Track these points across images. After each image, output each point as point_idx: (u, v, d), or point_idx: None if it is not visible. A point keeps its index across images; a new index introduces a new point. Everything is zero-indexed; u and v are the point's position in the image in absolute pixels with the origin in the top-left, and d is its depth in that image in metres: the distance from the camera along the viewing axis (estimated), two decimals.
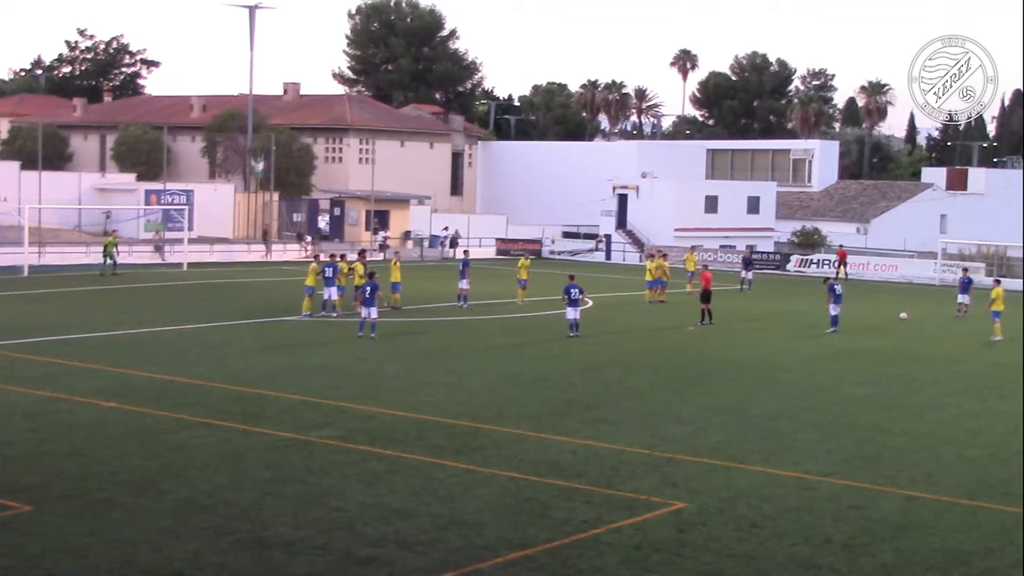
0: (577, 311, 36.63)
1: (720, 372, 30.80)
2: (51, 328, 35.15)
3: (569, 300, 36.60)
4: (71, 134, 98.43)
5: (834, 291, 39.71)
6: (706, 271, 43.71)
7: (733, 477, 19.55)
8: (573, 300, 36.54)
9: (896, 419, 25.02)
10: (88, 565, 14.49)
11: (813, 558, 15.58)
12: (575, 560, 15.20)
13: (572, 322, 36.57)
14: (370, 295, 34.84)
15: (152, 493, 17.57)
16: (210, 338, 34.32)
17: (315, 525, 16.21)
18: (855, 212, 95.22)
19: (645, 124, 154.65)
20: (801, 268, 70.57)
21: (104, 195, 75.16)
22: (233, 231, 77.54)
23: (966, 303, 44.96)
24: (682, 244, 72.06)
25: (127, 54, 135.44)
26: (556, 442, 21.69)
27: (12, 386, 25.62)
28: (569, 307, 36.63)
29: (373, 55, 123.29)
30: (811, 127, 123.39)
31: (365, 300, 35.04)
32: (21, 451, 20.07)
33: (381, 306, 36.48)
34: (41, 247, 58.72)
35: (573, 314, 36.56)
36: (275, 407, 24.24)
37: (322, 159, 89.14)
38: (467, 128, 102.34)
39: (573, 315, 36.56)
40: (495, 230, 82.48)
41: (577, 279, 37.99)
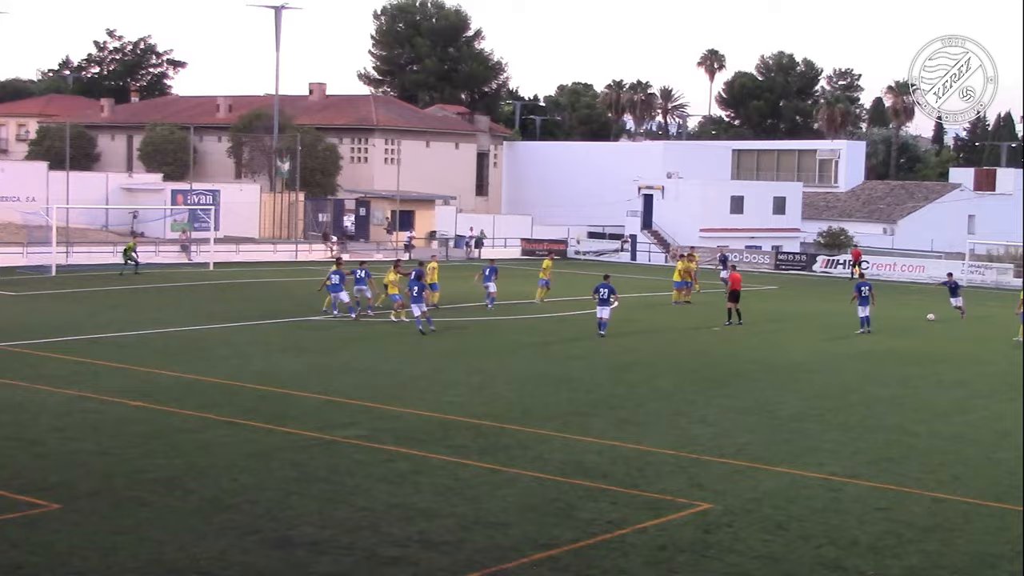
0: (607, 310, 36.62)
1: (746, 373, 30.70)
2: (78, 327, 35.33)
3: (600, 299, 36.62)
4: (98, 134, 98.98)
5: (860, 291, 39.52)
6: (734, 271, 43.62)
7: (759, 478, 19.48)
8: (603, 299, 36.54)
9: (923, 421, 24.89)
10: (115, 563, 14.55)
11: (839, 560, 15.50)
12: (600, 561, 15.17)
13: (601, 321, 36.59)
14: (418, 293, 36.06)
15: (178, 492, 17.63)
16: (236, 338, 34.43)
17: (340, 525, 16.23)
18: (882, 213, 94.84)
19: (671, 124, 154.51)
20: (827, 269, 70.37)
21: (131, 195, 75.54)
22: (259, 231, 77.80)
23: (960, 306, 44.63)
24: (707, 244, 71.98)
25: (154, 54, 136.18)
26: (581, 443, 21.66)
27: (40, 385, 25.77)
28: (600, 306, 36.65)
29: (399, 55, 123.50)
30: (837, 127, 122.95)
31: (413, 298, 36.17)
32: (49, 449, 20.18)
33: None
34: (69, 247, 59.06)
35: (602, 313, 36.57)
36: (300, 407, 24.30)
37: (348, 159, 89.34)
38: (492, 128, 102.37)
39: (602, 314, 36.57)
40: (520, 230, 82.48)
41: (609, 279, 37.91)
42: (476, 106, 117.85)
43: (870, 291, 39.75)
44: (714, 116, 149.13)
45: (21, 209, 64.38)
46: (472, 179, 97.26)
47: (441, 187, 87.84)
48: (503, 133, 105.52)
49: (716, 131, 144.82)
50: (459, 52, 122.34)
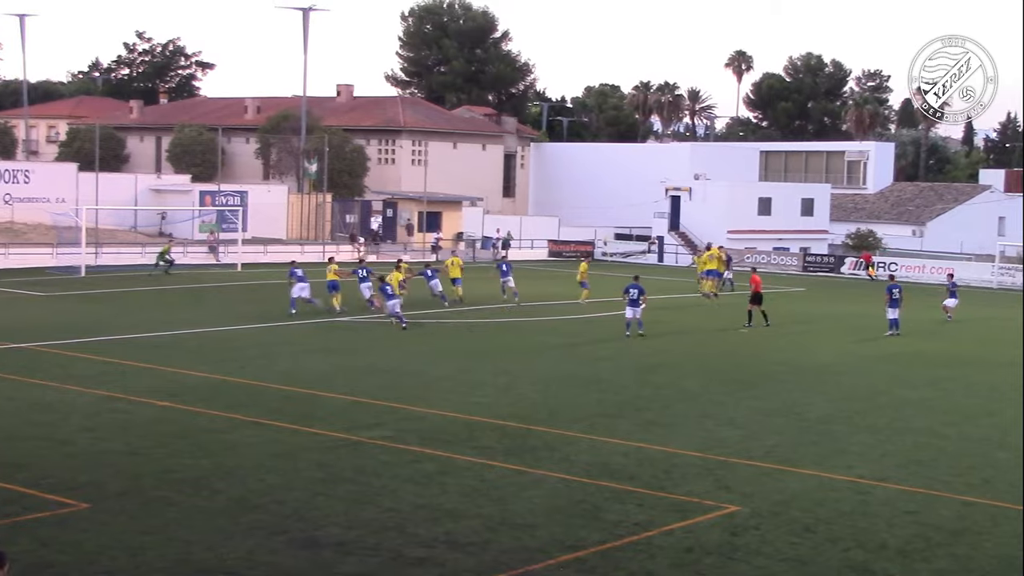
0: (636, 311, 36.55)
1: (773, 375, 30.60)
2: (107, 328, 35.52)
3: (630, 300, 36.57)
4: (128, 136, 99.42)
5: (891, 293, 39.32)
6: (755, 273, 43.56)
7: (786, 481, 19.40)
8: (633, 300, 36.50)
9: (952, 423, 24.74)
10: (143, 563, 14.62)
11: (867, 563, 15.43)
12: (626, 563, 15.14)
13: (629, 321, 36.54)
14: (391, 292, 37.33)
15: (205, 492, 17.69)
16: (263, 338, 34.54)
17: (366, 525, 16.25)
18: (911, 214, 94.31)
19: (698, 126, 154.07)
20: (855, 271, 70.06)
21: (159, 196, 75.86)
22: (287, 232, 77.96)
23: (950, 307, 44.42)
24: (735, 246, 71.77)
25: (183, 56, 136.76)
26: (608, 444, 21.63)
27: (70, 385, 25.92)
28: (629, 306, 36.60)
29: (426, 57, 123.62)
30: (866, 129, 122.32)
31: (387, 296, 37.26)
32: (79, 449, 20.30)
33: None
34: (98, 247, 59.37)
35: (632, 313, 36.52)
36: (327, 408, 24.35)
37: (375, 160, 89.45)
38: (519, 130, 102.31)
39: (632, 314, 36.52)
40: (547, 232, 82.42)
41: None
42: (503, 107, 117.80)
43: (900, 293, 39.57)
44: (742, 117, 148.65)
45: (51, 210, 64.69)
46: (499, 181, 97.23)
47: (468, 188, 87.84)
48: (530, 134, 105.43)
49: (744, 132, 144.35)
50: (486, 54, 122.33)
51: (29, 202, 67.37)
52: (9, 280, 49.07)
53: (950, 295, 44.89)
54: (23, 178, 69.06)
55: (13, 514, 16.17)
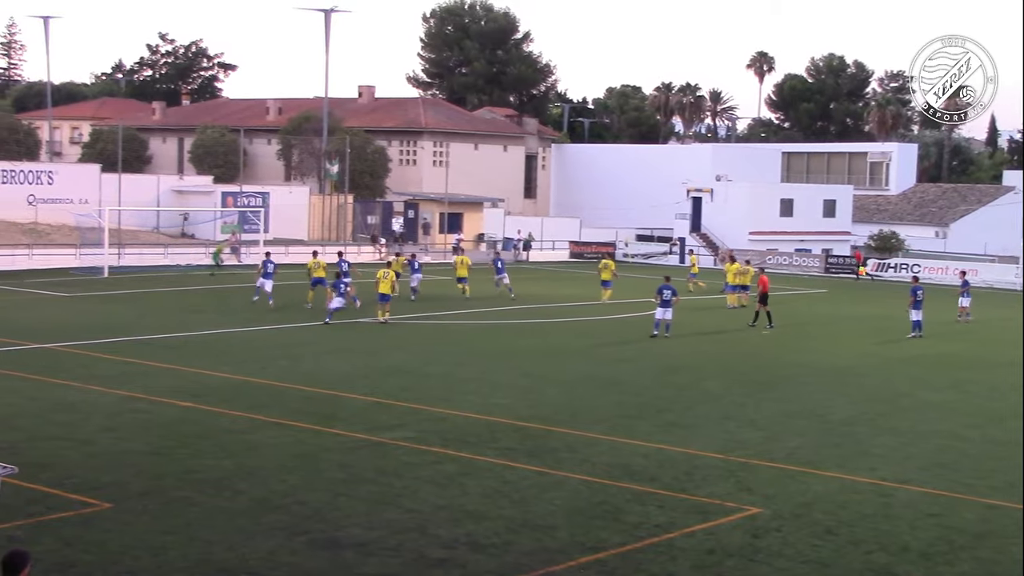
0: (668, 312, 36.50)
1: (795, 376, 30.51)
2: (130, 328, 35.65)
3: (662, 301, 36.50)
4: (150, 137, 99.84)
5: (915, 295, 39.17)
6: (763, 274, 43.56)
7: (808, 483, 19.33)
8: (665, 301, 36.44)
9: (975, 426, 24.62)
10: (165, 563, 14.66)
11: (890, 566, 15.36)
12: (648, 565, 15.11)
13: (659, 322, 36.46)
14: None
15: (227, 492, 17.73)
16: (285, 339, 34.62)
17: (388, 526, 16.27)
18: (934, 216, 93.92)
19: (720, 127, 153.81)
20: (878, 272, 69.79)
21: (182, 197, 76.12)
22: (308, 233, 78.14)
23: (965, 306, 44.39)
24: (756, 248, 71.62)
25: (205, 58, 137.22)
26: (629, 445, 21.59)
27: (93, 385, 26.02)
28: (661, 307, 36.51)
29: (447, 58, 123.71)
30: (888, 130, 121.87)
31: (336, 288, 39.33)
32: (101, 449, 20.37)
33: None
34: (120, 248, 59.62)
35: (662, 314, 36.44)
36: (348, 408, 24.38)
37: (396, 161, 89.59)
38: (541, 131, 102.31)
39: (662, 315, 36.44)
40: (569, 233, 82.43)
41: (653, 282, 37.87)
42: (524, 108, 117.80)
43: (923, 295, 39.41)
44: (763, 118, 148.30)
45: (74, 211, 64.94)
46: (520, 182, 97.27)
47: (489, 189, 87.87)
48: (551, 136, 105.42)
49: (765, 133, 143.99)
50: (508, 55, 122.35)
51: (53, 203, 67.68)
52: (33, 281, 49.31)
53: (963, 294, 44.79)
54: (47, 179, 69.40)
55: (37, 514, 16.24)
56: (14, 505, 15.74)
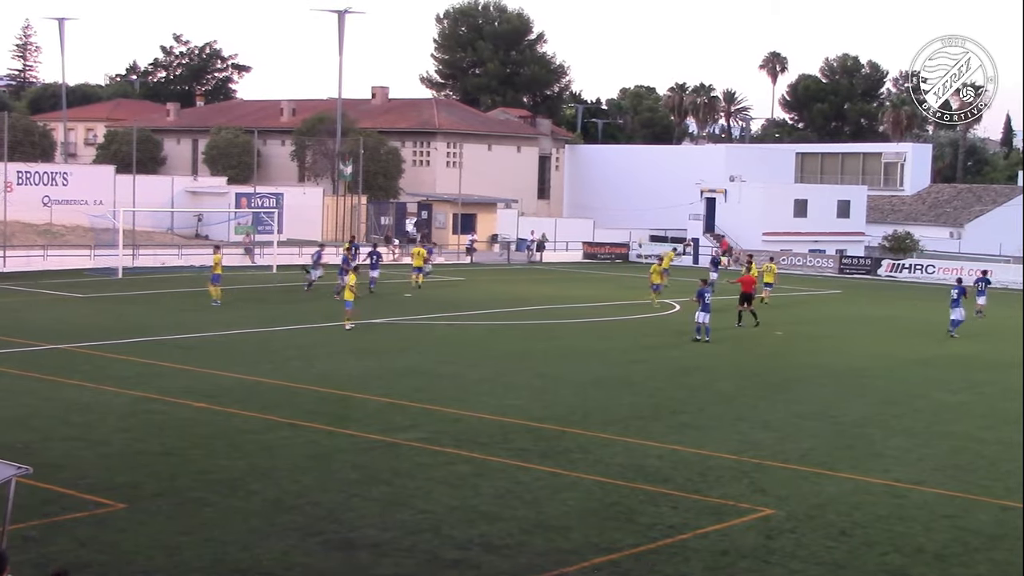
0: (707, 315, 36.35)
1: (809, 378, 30.45)
2: (144, 329, 35.72)
3: (702, 304, 36.37)
4: (164, 138, 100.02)
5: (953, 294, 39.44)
6: (748, 274, 43.46)
7: (822, 484, 19.30)
8: (707, 305, 36.33)
9: (991, 427, 24.55)
10: (179, 563, 14.70)
11: (904, 568, 15.32)
12: (661, 566, 15.10)
13: (699, 326, 36.31)
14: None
15: (241, 493, 17.77)
16: (299, 340, 34.66)
17: (402, 527, 16.29)
18: (949, 216, 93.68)
19: (733, 127, 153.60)
20: (892, 273, 69.63)
21: (196, 198, 76.26)
22: (322, 234, 78.23)
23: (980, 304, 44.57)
24: (770, 248, 71.49)
25: (219, 59, 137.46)
26: (642, 447, 21.58)
27: (107, 386, 26.09)
28: (701, 311, 36.36)
29: (461, 59, 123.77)
30: (903, 130, 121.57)
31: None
32: (115, 450, 20.43)
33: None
34: (135, 249, 59.76)
35: (703, 317, 36.30)
36: (362, 409, 24.41)
37: (410, 162, 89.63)
38: (554, 132, 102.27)
39: (703, 318, 36.30)
40: (582, 234, 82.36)
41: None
42: (538, 109, 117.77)
43: (959, 295, 39.67)
44: (777, 119, 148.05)
45: (89, 212, 65.10)
46: (534, 182, 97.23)
47: (503, 190, 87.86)
48: (565, 136, 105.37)
49: (779, 134, 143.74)
50: (521, 55, 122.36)
51: (67, 204, 67.82)
52: (47, 282, 49.45)
53: (978, 294, 45.01)
54: (61, 180, 69.54)
55: (52, 514, 16.30)
56: (29, 505, 15.77)
